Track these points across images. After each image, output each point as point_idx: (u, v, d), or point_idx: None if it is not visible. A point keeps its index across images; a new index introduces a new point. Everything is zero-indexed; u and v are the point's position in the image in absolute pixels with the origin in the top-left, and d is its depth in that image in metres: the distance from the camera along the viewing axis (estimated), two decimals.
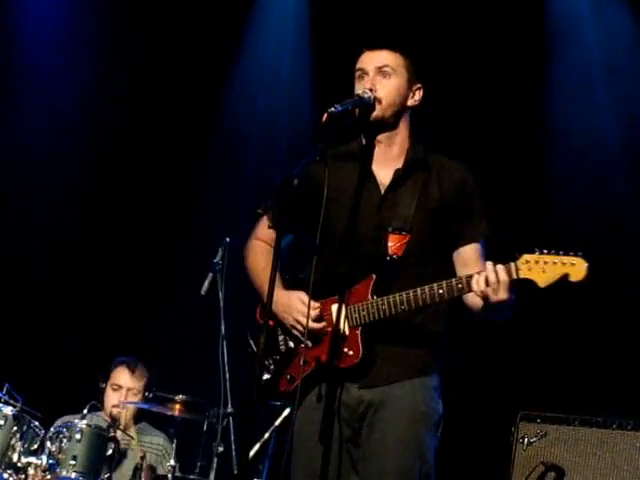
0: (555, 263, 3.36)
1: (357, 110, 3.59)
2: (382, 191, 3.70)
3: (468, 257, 3.71)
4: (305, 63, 7.31)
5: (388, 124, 3.71)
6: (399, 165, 3.73)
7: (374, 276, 3.60)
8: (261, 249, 3.86)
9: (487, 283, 3.38)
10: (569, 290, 6.12)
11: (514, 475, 5.27)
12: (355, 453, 3.63)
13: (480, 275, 3.42)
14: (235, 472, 5.45)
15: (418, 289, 3.49)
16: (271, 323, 3.67)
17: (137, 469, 5.58)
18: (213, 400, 5.56)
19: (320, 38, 7.20)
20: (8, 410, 5.22)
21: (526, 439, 5.32)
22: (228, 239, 5.74)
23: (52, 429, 5.37)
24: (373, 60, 3.72)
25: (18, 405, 5.26)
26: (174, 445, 5.52)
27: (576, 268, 3.35)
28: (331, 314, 3.64)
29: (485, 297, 3.41)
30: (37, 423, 5.34)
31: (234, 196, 7.22)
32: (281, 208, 3.39)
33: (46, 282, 7.11)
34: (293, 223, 3.63)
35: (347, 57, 3.83)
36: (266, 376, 3.71)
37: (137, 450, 5.68)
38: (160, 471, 5.77)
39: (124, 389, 5.83)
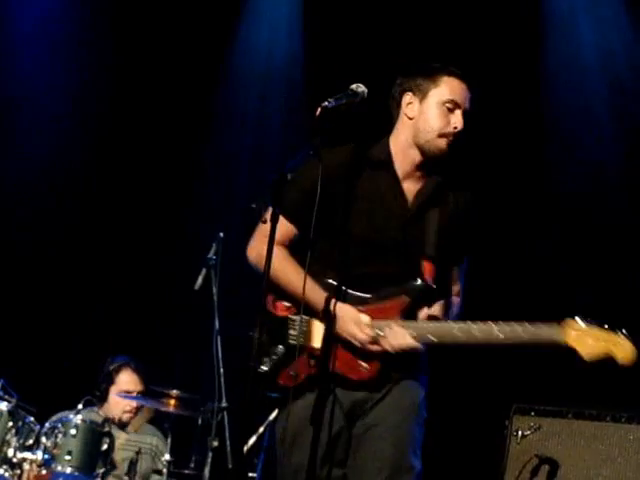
0: (598, 339, 3.40)
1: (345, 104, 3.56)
2: (410, 204, 3.68)
3: (455, 275, 3.80)
4: (299, 61, 7.30)
5: None
6: (421, 179, 3.72)
7: (408, 300, 3.58)
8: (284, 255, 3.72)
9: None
10: (564, 288, 6.16)
11: (508, 468, 5.27)
12: (347, 447, 3.63)
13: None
14: (230, 466, 5.46)
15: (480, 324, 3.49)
16: (285, 313, 3.66)
17: (132, 464, 5.60)
18: (207, 395, 5.57)
19: (314, 34, 7.19)
20: (3, 406, 5.22)
21: (520, 432, 5.31)
22: (222, 234, 5.75)
23: (47, 424, 5.37)
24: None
25: (13, 400, 5.26)
26: (169, 441, 5.53)
27: (621, 349, 3.36)
28: None
29: None
30: (32, 418, 5.34)
31: (228, 191, 7.22)
32: (276, 203, 3.39)
33: (41, 279, 7.10)
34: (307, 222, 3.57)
35: (341, 52, 3.82)
36: (265, 367, 3.62)
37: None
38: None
39: (134, 394, 5.78)
